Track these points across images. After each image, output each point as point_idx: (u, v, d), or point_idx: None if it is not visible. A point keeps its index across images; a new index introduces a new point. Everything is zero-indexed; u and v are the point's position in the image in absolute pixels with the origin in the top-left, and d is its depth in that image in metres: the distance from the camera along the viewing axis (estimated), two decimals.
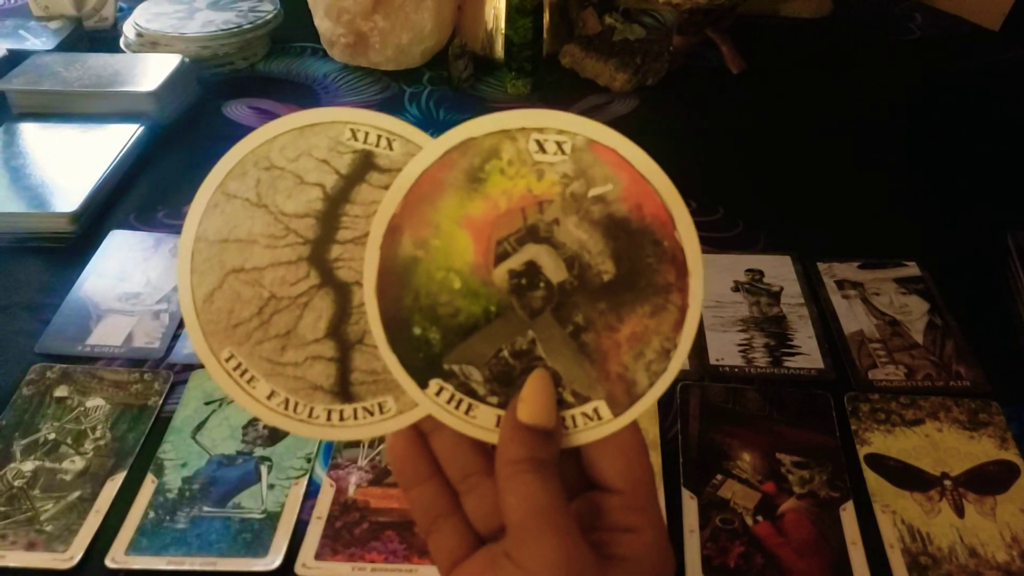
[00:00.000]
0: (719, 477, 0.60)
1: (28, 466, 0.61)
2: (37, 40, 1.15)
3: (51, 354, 0.70)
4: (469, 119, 0.34)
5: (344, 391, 0.35)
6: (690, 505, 0.58)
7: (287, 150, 0.35)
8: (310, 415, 0.35)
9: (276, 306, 0.35)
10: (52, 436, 0.63)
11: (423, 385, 0.34)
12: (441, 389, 0.34)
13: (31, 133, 0.95)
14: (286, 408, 0.35)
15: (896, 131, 1.03)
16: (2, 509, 0.58)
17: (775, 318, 0.74)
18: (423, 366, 0.34)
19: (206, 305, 0.35)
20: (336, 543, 0.56)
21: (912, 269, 0.79)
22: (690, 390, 0.67)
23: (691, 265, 0.33)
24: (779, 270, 0.79)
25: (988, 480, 0.60)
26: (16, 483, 0.60)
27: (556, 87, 1.12)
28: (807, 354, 0.70)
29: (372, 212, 0.34)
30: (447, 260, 0.34)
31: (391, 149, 0.35)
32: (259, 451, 0.62)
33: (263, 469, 0.61)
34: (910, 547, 0.56)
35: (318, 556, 0.56)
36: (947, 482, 0.60)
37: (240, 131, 1.04)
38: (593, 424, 0.34)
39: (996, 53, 1.21)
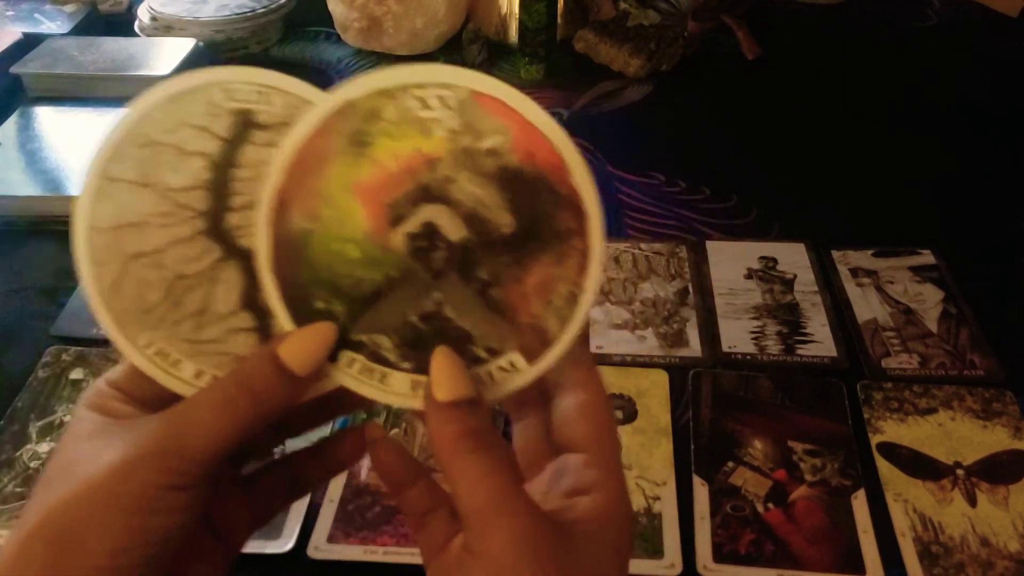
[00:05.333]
0: (731, 464, 0.60)
1: (44, 447, 0.61)
2: (52, 24, 1.15)
3: (66, 337, 0.71)
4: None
5: None
6: (701, 492, 0.58)
7: (164, 122, 0.33)
8: None
9: (184, 285, 0.34)
10: (68, 418, 0.63)
11: (333, 359, 0.33)
12: (353, 360, 0.33)
13: (46, 117, 0.96)
14: None
15: (911, 118, 1.03)
16: (18, 490, 0.58)
17: (788, 306, 0.73)
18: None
19: (113, 295, 0.33)
20: (348, 526, 0.56)
21: (927, 257, 0.78)
22: (702, 377, 0.67)
23: (589, 208, 0.32)
24: (793, 257, 0.79)
25: (1001, 469, 0.60)
26: (32, 464, 0.60)
27: (570, 72, 1.12)
28: (820, 342, 0.70)
29: (262, 173, 0.33)
30: (341, 230, 0.33)
31: (270, 103, 0.34)
32: None
33: (275, 453, 0.61)
34: (922, 536, 0.56)
35: (330, 539, 0.56)
36: (960, 471, 0.60)
37: None
38: (510, 375, 0.33)
39: (1013, 40, 1.20)
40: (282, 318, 0.33)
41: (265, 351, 0.32)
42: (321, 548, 0.55)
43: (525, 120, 0.32)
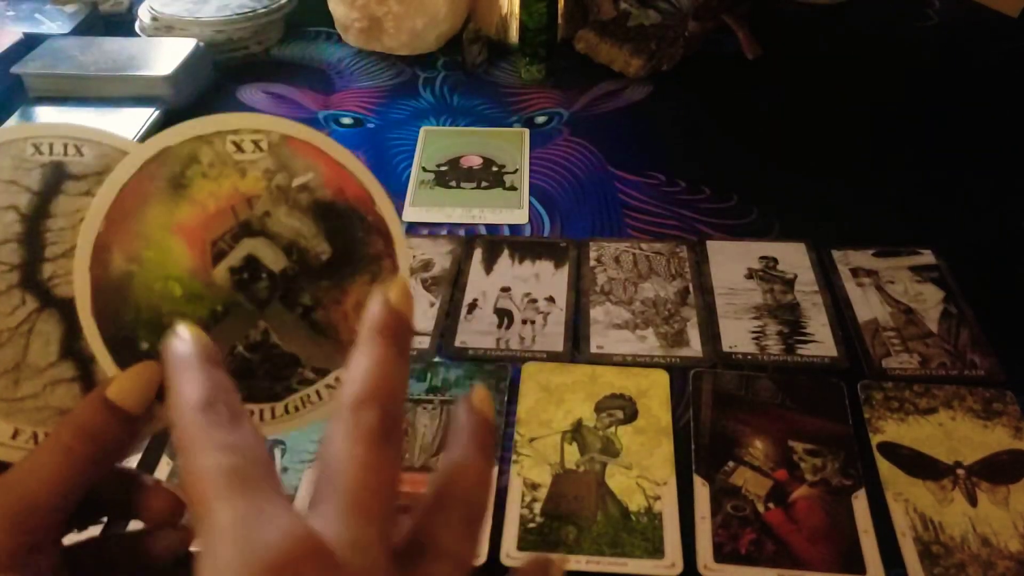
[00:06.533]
0: (731, 464, 0.60)
1: None
2: (53, 24, 1.15)
3: None
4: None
5: None
6: (702, 492, 0.58)
7: None
8: None
9: None
10: None
11: (161, 398, 0.33)
12: None
13: (47, 117, 0.96)
14: (36, 442, 0.34)
15: (912, 118, 1.03)
16: None
17: (789, 305, 0.73)
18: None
19: None
20: None
21: (927, 257, 0.78)
22: (703, 377, 0.67)
23: (394, 233, 0.35)
24: (793, 257, 0.79)
25: (1002, 469, 0.60)
26: None
27: (570, 72, 1.12)
28: (821, 342, 0.70)
29: (78, 221, 0.33)
30: (164, 269, 0.33)
31: (81, 155, 0.34)
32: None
33: (277, 453, 0.61)
34: (922, 535, 0.56)
35: None
36: (960, 471, 0.60)
37: None
38: (337, 391, 0.35)
39: (1015, 40, 1.20)
40: (106, 363, 0.33)
41: (93, 396, 0.32)
42: None
43: (332, 159, 0.35)
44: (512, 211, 0.86)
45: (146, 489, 0.36)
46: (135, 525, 0.37)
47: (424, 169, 0.92)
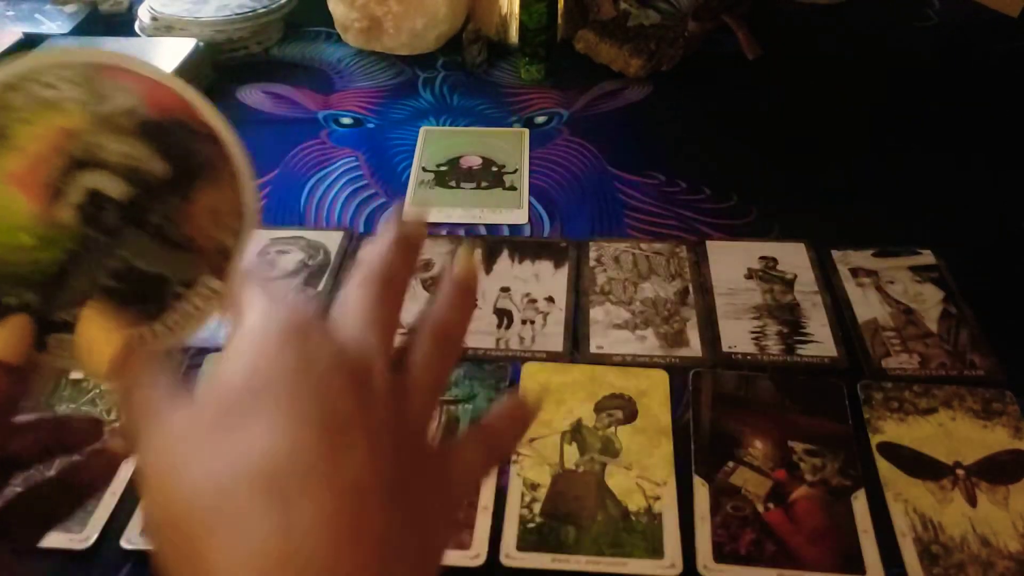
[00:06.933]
0: (731, 464, 0.60)
1: None
2: (52, 24, 1.15)
3: None
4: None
5: None
6: (701, 492, 0.58)
7: None
8: None
9: None
10: None
11: (42, 347, 0.34)
12: (61, 340, 0.35)
13: None
14: None
15: (913, 118, 1.02)
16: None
17: (788, 306, 0.73)
18: (35, 330, 0.35)
19: None
20: None
21: (927, 257, 0.78)
22: (702, 377, 0.67)
23: (223, 136, 0.35)
24: (793, 257, 0.79)
25: (1001, 469, 0.60)
26: None
27: (570, 72, 1.11)
28: (820, 342, 0.70)
29: None
30: (7, 222, 0.34)
31: None
32: None
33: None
34: (922, 536, 0.56)
35: None
36: (960, 471, 0.60)
37: (254, 115, 1.05)
38: (212, 297, 0.36)
39: (1015, 40, 1.20)
40: None
41: None
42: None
43: (146, 77, 0.35)
44: (512, 211, 0.86)
45: (66, 420, 0.40)
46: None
47: (424, 169, 0.92)
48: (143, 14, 1.13)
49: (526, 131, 0.99)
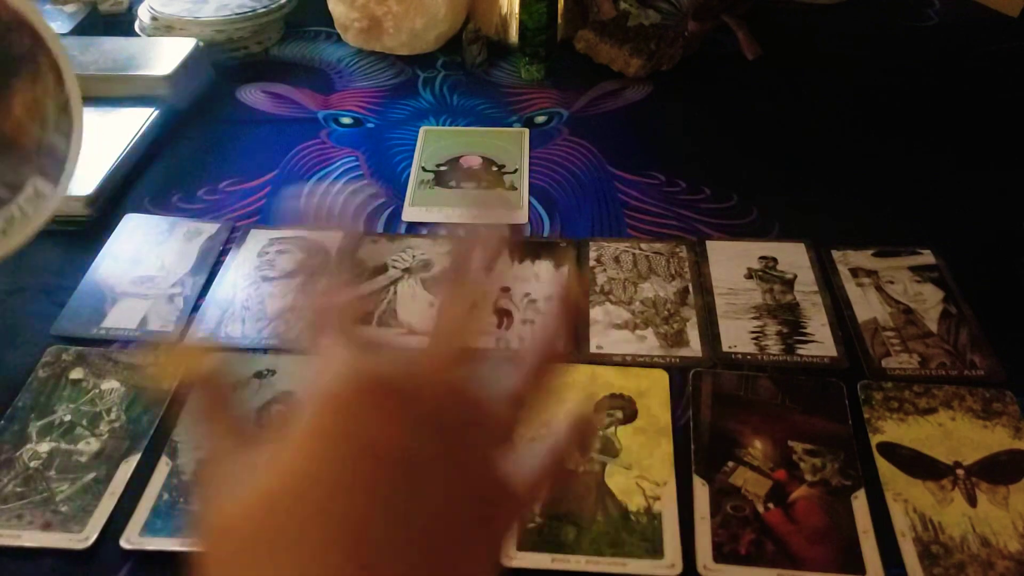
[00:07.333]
0: (731, 464, 0.60)
1: (44, 447, 0.61)
2: (52, 24, 1.15)
3: (67, 336, 0.71)
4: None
5: None
6: (701, 492, 0.58)
7: None
8: None
9: None
10: (68, 418, 0.63)
11: None
12: None
13: None
14: None
15: (912, 118, 1.02)
16: (19, 489, 0.58)
17: (788, 305, 0.73)
18: None
19: None
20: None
21: (927, 257, 0.78)
22: (702, 377, 0.67)
23: (38, 26, 0.33)
24: (793, 257, 0.79)
25: (1001, 470, 0.60)
26: (32, 464, 0.60)
27: (570, 72, 1.11)
28: (820, 342, 0.70)
29: None
30: None
31: None
32: None
33: None
34: (922, 536, 0.56)
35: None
36: (960, 471, 0.60)
37: (254, 115, 1.05)
38: (41, 200, 0.33)
39: (1014, 40, 1.20)
40: None
41: None
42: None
43: None
44: (512, 211, 0.86)
45: None
46: None
47: (424, 169, 0.92)
48: (143, 14, 1.13)
49: (526, 131, 0.99)
